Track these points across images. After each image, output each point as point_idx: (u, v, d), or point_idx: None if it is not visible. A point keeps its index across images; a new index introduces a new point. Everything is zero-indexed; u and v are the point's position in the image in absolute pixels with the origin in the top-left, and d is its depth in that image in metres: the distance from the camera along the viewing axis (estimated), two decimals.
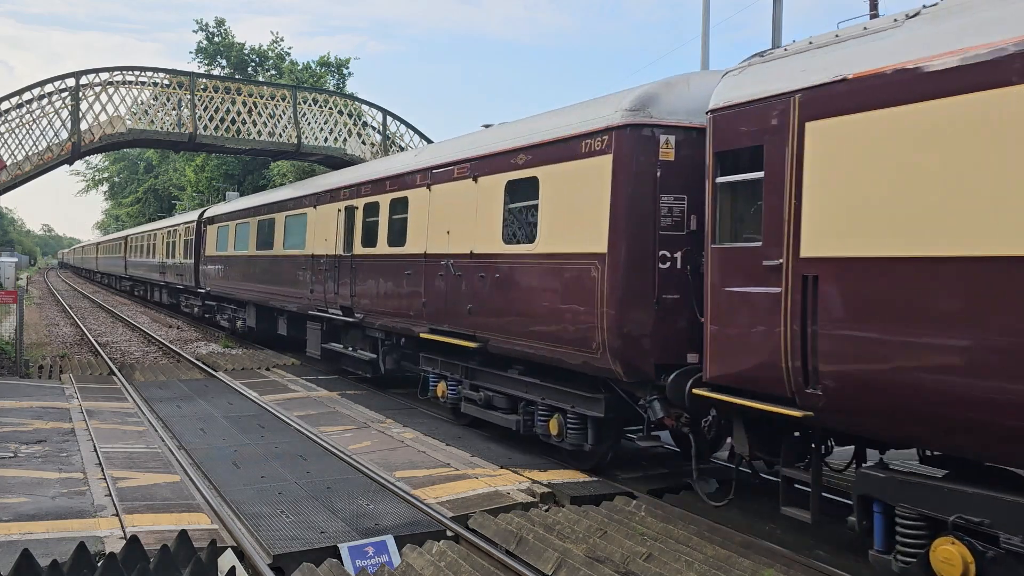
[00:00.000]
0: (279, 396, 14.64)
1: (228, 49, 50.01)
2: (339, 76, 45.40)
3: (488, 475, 9.34)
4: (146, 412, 12.91)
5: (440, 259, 11.43)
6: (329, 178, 17.47)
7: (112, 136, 18.91)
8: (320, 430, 11.65)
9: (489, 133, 11.23)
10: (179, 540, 6.10)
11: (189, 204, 51.94)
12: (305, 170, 33.87)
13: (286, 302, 18.41)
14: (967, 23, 5.40)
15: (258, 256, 20.57)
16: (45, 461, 9.50)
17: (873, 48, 5.98)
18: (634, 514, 8.06)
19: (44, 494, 8.13)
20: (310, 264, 16.69)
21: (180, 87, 20.09)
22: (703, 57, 18.33)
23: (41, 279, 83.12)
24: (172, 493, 8.37)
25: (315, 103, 22.12)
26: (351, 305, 14.51)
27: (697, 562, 6.72)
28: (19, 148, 17.76)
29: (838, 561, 6.95)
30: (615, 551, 7.01)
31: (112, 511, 7.69)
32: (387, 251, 13.32)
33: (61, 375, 16.78)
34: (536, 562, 6.88)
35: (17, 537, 6.80)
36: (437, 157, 12.12)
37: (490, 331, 10.20)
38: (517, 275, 9.74)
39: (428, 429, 11.90)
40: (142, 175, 72.70)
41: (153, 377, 17.11)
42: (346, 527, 7.50)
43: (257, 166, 45.59)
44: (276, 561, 6.74)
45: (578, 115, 9.13)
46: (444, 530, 7.59)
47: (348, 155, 21.75)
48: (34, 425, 11.43)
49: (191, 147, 21.87)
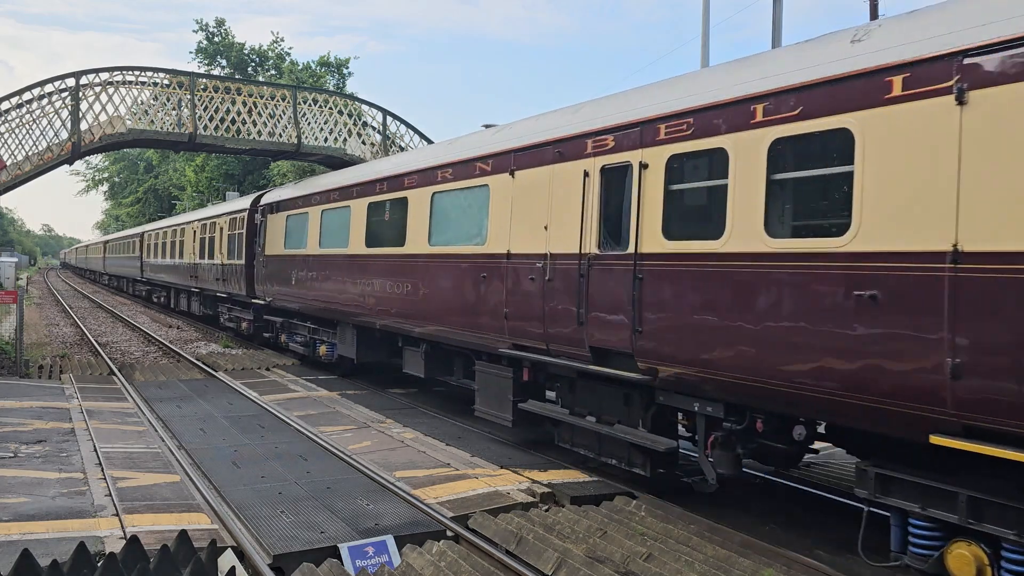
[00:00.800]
0: (279, 396, 14.64)
1: (228, 49, 50.08)
2: (339, 76, 45.48)
3: (488, 475, 9.34)
4: (146, 412, 12.91)
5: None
6: (548, 119, 10.18)
7: (112, 136, 18.91)
8: (320, 430, 11.64)
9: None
10: (179, 540, 6.10)
11: (189, 204, 51.94)
12: (305, 170, 33.89)
13: (426, 324, 12.18)
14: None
15: (372, 257, 14.02)
16: (45, 461, 9.50)
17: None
18: (634, 514, 8.06)
19: (44, 494, 8.13)
20: (498, 270, 10.28)
21: (180, 87, 20.08)
22: (703, 57, 18.35)
23: (41, 279, 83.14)
24: (172, 493, 8.37)
25: (315, 103, 22.12)
26: (633, 346, 8.07)
27: (697, 562, 6.72)
28: (19, 148, 17.75)
29: (838, 561, 6.96)
30: (615, 551, 7.01)
31: (112, 511, 7.68)
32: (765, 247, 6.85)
33: (61, 375, 16.78)
34: (536, 562, 6.87)
35: (17, 537, 6.80)
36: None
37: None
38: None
39: (428, 429, 11.90)
40: (142, 175, 72.75)
41: (153, 377, 17.11)
42: (346, 527, 7.49)
43: (257, 166, 45.65)
44: (276, 561, 6.74)
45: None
46: (444, 530, 7.59)
47: (348, 155, 21.75)
48: (34, 425, 11.43)
49: (191, 147, 21.86)
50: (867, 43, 6.18)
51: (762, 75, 7.00)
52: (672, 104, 7.89)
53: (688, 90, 7.89)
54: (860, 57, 6.13)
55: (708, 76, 8.15)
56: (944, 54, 5.53)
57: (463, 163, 11.42)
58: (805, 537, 7.62)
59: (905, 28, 6.03)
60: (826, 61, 6.42)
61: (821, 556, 7.09)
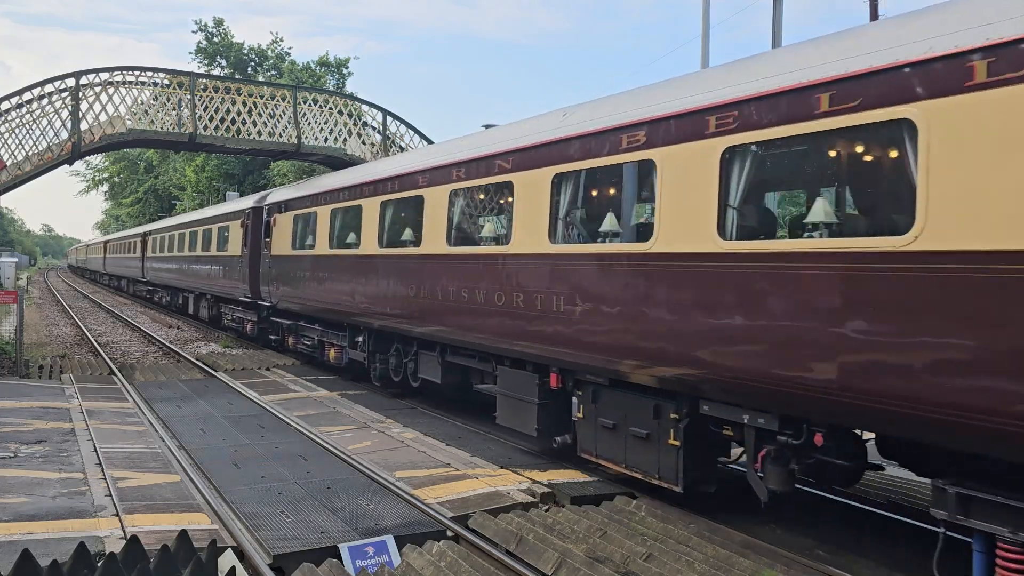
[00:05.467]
0: (279, 396, 14.63)
1: (227, 49, 50.12)
2: (339, 76, 45.51)
3: (488, 475, 9.34)
4: (146, 412, 12.91)
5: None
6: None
7: (112, 136, 18.91)
8: (320, 430, 11.64)
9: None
10: (179, 540, 6.09)
11: (189, 204, 51.92)
12: (305, 170, 33.90)
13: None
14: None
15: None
16: (45, 461, 9.50)
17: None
18: (634, 514, 8.06)
19: (44, 494, 8.13)
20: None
21: (180, 87, 20.09)
22: (703, 57, 18.34)
23: (41, 279, 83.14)
24: (172, 493, 8.37)
25: (315, 103, 22.12)
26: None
27: (697, 562, 6.71)
28: (19, 148, 17.76)
29: (838, 561, 6.96)
30: (615, 551, 7.01)
31: (112, 511, 7.68)
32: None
33: (61, 375, 16.77)
34: (536, 562, 6.87)
35: (17, 537, 6.80)
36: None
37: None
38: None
39: (428, 429, 11.90)
40: (142, 175, 72.69)
41: (153, 377, 17.11)
42: (346, 527, 7.49)
43: (257, 166, 45.67)
44: (276, 561, 6.74)
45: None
46: (444, 530, 7.59)
47: (348, 155, 21.76)
48: (34, 425, 11.43)
49: (191, 147, 21.87)
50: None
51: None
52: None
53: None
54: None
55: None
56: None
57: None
58: (805, 537, 7.62)
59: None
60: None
61: (821, 556, 7.09)
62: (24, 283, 56.22)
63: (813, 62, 6.40)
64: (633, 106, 8.33)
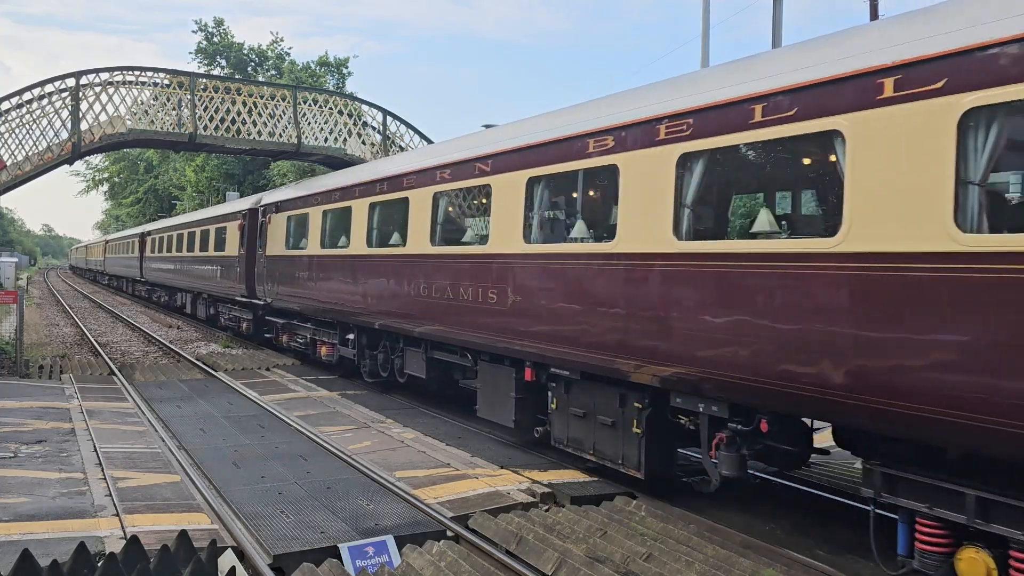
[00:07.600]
0: (279, 396, 14.64)
1: (227, 49, 50.08)
2: (338, 76, 45.48)
3: (488, 475, 9.34)
4: (146, 412, 12.91)
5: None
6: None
7: (112, 136, 18.90)
8: (320, 430, 11.64)
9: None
10: (179, 540, 6.09)
11: (189, 204, 51.91)
12: (305, 170, 33.90)
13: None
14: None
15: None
16: (45, 461, 9.50)
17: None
18: (634, 514, 8.06)
19: (44, 494, 8.13)
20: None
21: (180, 87, 20.08)
22: (703, 57, 18.35)
23: (41, 279, 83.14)
24: (172, 493, 8.37)
25: (315, 103, 22.11)
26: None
27: (697, 562, 6.71)
28: (19, 148, 17.75)
29: (838, 561, 6.96)
30: (615, 551, 7.01)
31: (112, 511, 7.68)
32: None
33: (61, 375, 16.78)
34: (536, 562, 6.87)
35: (17, 537, 6.80)
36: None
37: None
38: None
39: (428, 429, 11.90)
40: (142, 175, 72.65)
41: (153, 377, 17.11)
42: (346, 527, 7.49)
43: (257, 166, 45.64)
44: (276, 561, 6.74)
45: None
46: (444, 530, 7.59)
47: (348, 155, 21.75)
48: (34, 425, 11.43)
49: (191, 147, 21.85)
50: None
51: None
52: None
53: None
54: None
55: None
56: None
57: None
58: (805, 537, 7.62)
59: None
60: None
61: (821, 556, 7.09)
62: (24, 283, 56.23)
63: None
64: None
